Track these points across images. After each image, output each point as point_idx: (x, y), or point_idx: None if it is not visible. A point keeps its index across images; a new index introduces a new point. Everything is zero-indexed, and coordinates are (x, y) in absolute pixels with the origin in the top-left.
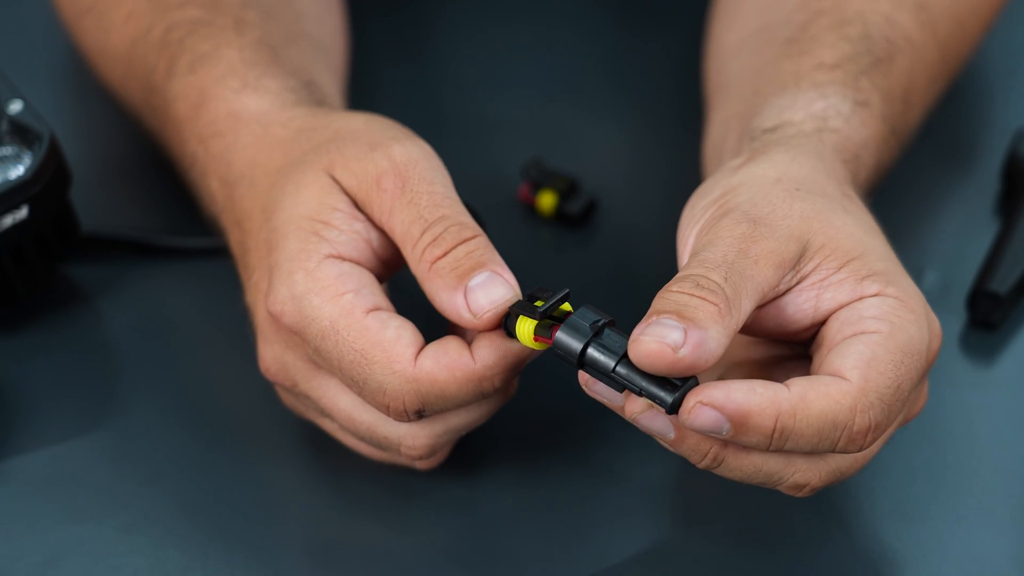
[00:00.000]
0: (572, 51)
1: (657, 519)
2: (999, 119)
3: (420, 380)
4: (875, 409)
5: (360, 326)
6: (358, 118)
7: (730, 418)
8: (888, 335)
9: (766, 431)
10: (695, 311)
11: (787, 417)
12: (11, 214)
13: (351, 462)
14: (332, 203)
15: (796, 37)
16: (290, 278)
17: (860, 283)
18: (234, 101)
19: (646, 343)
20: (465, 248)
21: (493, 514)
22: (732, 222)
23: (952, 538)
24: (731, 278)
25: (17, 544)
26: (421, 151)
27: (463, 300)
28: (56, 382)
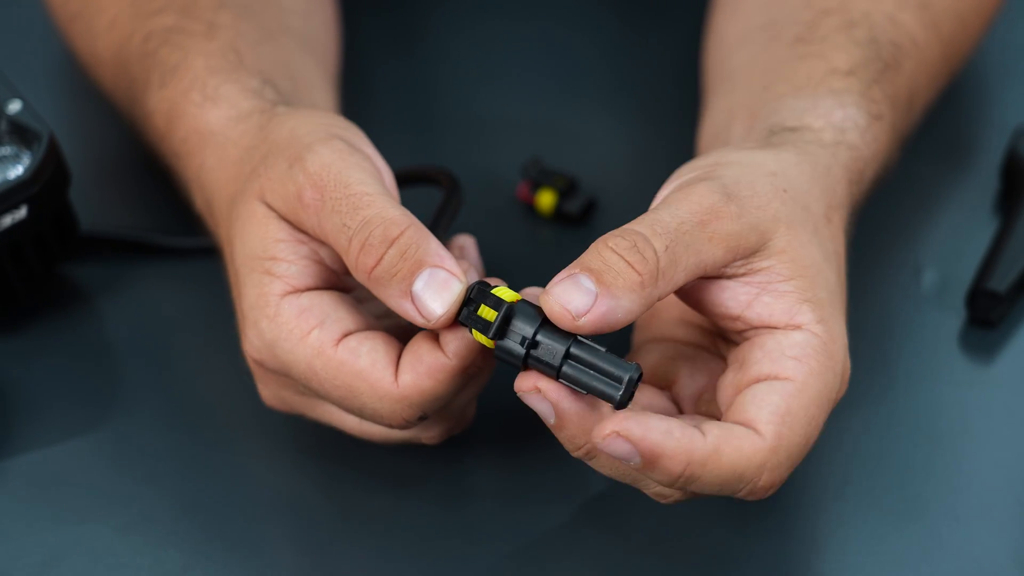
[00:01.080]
0: (571, 50)
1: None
2: (998, 117)
3: (409, 396)
4: (783, 468)
5: (335, 363)
6: (285, 127)
7: (642, 455)
8: (803, 385)
9: (673, 474)
10: (615, 278)
11: (697, 466)
12: (10, 214)
13: (349, 461)
14: (273, 235)
15: (805, 37)
16: (257, 327)
17: (799, 304)
18: (197, 117)
19: (551, 304)
20: (395, 250)
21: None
22: (707, 189)
23: (951, 537)
24: (673, 247)
25: (17, 544)
26: (333, 153)
27: (413, 307)
28: (55, 382)
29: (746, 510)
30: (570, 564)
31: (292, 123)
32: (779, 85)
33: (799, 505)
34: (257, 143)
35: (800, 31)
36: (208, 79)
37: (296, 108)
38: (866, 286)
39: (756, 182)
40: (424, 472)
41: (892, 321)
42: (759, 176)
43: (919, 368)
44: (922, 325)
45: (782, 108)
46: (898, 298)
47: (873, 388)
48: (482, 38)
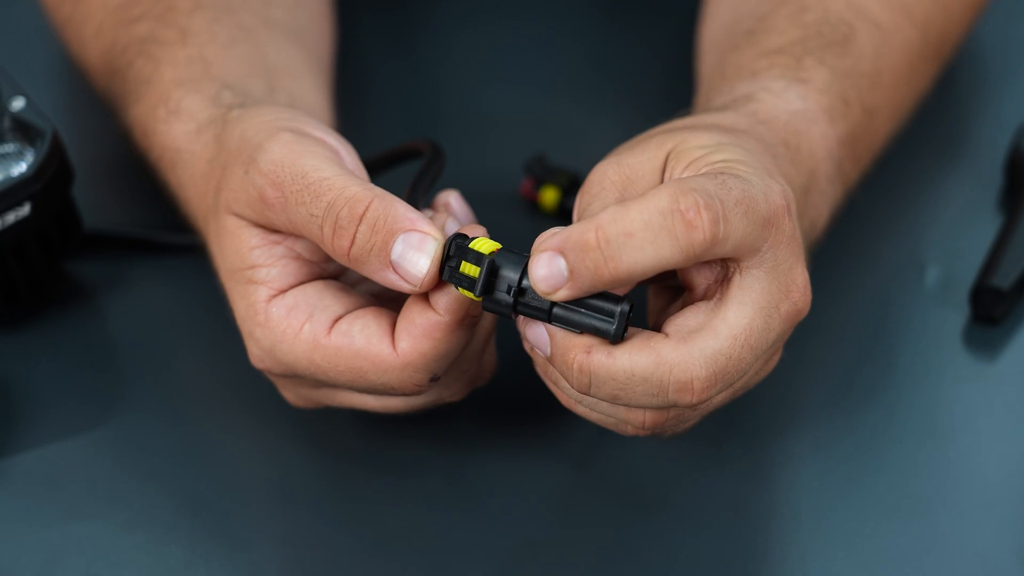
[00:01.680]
0: (574, 46)
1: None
2: (1001, 114)
3: (413, 362)
4: (697, 191)
5: (332, 350)
6: (235, 133)
7: (558, 249)
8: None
9: (591, 243)
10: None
11: (607, 223)
12: (13, 211)
13: (352, 457)
14: (247, 244)
15: (754, 29)
16: (253, 337)
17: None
18: (165, 134)
19: (535, 280)
20: (365, 226)
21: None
22: (604, 170)
23: (955, 533)
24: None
25: (20, 541)
26: (283, 147)
27: (396, 276)
28: (58, 379)
29: (750, 507)
30: (568, 561)
31: (242, 127)
32: (717, 81)
33: (802, 501)
34: (215, 154)
35: (752, 24)
36: (172, 92)
37: (248, 109)
38: (870, 283)
39: (634, 145)
40: (426, 466)
41: (896, 318)
42: (644, 134)
43: (923, 365)
44: (926, 322)
45: (707, 103)
46: (902, 295)
47: (877, 385)
48: (485, 35)
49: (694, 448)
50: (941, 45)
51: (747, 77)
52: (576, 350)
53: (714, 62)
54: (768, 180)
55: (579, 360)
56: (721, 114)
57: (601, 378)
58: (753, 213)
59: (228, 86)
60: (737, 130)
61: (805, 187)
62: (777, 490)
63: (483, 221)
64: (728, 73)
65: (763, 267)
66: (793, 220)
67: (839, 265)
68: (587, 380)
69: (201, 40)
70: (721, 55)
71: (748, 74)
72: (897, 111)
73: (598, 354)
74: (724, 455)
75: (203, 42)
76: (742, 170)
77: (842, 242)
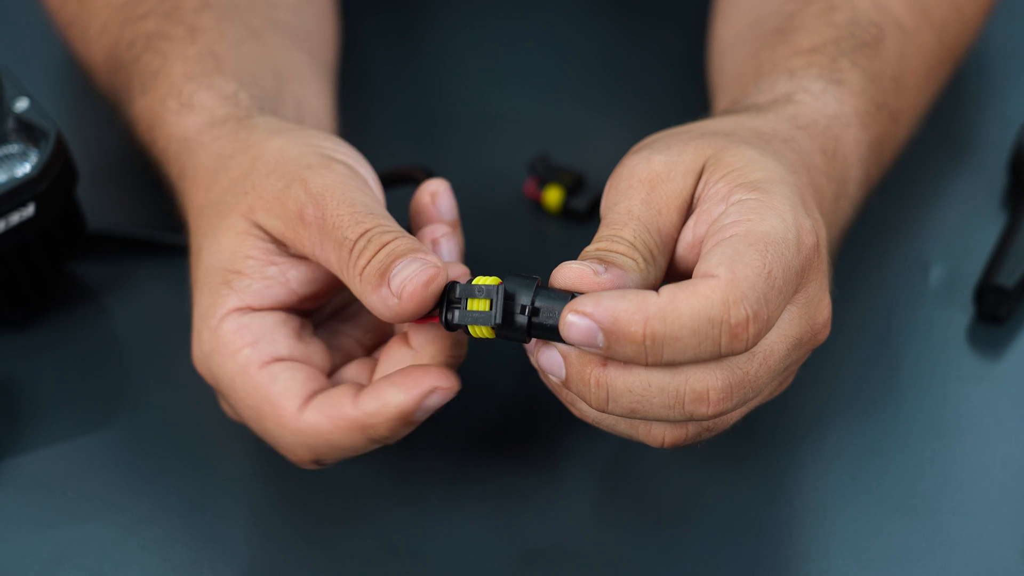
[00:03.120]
0: (578, 46)
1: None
2: (1006, 113)
3: (305, 432)
4: (748, 299)
5: (253, 383)
6: (271, 146)
7: (601, 325)
8: (747, 231)
9: (636, 337)
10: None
11: (656, 321)
12: (18, 212)
13: (363, 460)
14: (246, 251)
15: (783, 27)
16: (199, 337)
17: (731, 192)
18: (175, 125)
19: (568, 267)
20: (385, 250)
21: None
22: (634, 161)
23: (959, 532)
24: (640, 235)
25: (25, 542)
26: (336, 176)
27: (387, 290)
28: (63, 380)
29: (754, 505)
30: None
31: (279, 143)
32: (750, 79)
33: (808, 500)
34: (233, 151)
35: (780, 23)
36: (184, 86)
37: (278, 124)
38: (874, 282)
39: (669, 140)
40: (430, 469)
41: (900, 317)
42: (670, 134)
43: (927, 364)
44: (930, 321)
45: (742, 99)
46: (906, 294)
47: (881, 384)
48: (488, 35)
49: (700, 447)
50: (956, 48)
51: (783, 75)
52: (592, 365)
53: (741, 59)
54: (802, 217)
55: (595, 375)
56: (762, 117)
57: (618, 391)
58: (790, 282)
59: (244, 85)
60: (777, 138)
61: (836, 195)
62: (783, 491)
63: (486, 221)
64: (764, 70)
65: (793, 303)
66: (822, 253)
67: (843, 265)
68: (604, 395)
69: (209, 38)
70: (750, 52)
71: (784, 72)
72: (916, 115)
73: (614, 367)
74: (729, 456)
75: (212, 40)
76: (778, 204)
77: (847, 242)
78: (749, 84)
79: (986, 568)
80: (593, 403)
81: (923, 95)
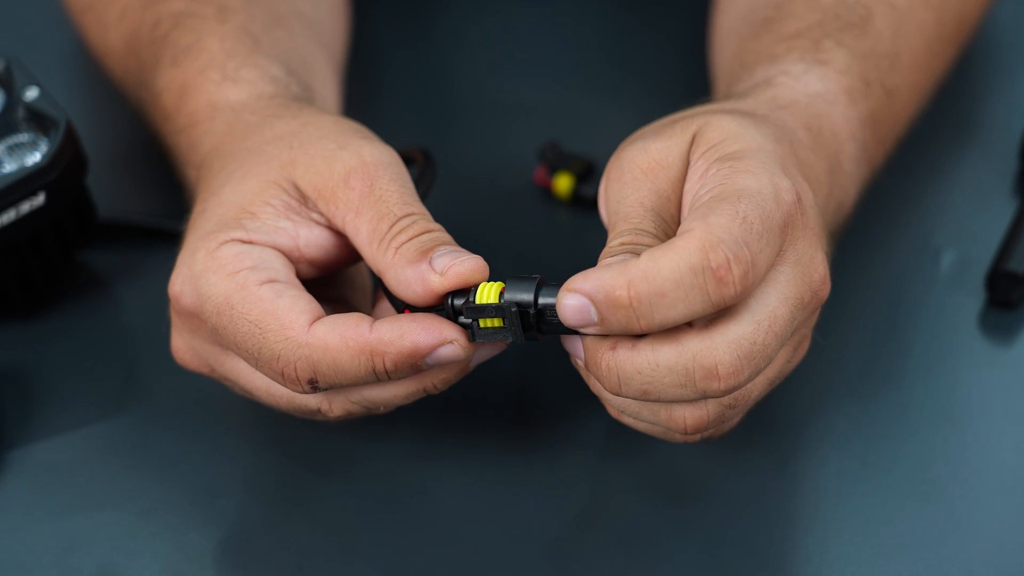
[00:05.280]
0: (588, 33)
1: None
2: (1016, 97)
3: (312, 345)
4: (726, 242)
5: (254, 297)
6: (326, 118)
7: (590, 296)
8: (721, 190)
9: (623, 301)
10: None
11: (639, 281)
12: (28, 201)
13: (372, 444)
14: (267, 198)
15: (771, 16)
16: (192, 257)
17: (708, 168)
18: (214, 93)
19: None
20: (430, 235)
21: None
22: (623, 153)
23: (971, 517)
24: (659, 226)
25: (37, 530)
26: (391, 155)
27: (427, 265)
28: (74, 369)
29: (765, 490)
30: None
31: (333, 116)
32: (737, 71)
33: (818, 486)
34: (284, 115)
35: (769, 12)
36: (227, 61)
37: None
38: (885, 268)
39: (663, 122)
40: (443, 457)
41: (911, 303)
42: (666, 119)
43: (938, 349)
44: (941, 307)
45: (728, 91)
46: (917, 280)
47: (893, 370)
48: (498, 24)
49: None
50: (958, 27)
51: (766, 62)
52: (602, 349)
53: (733, 51)
54: (778, 176)
55: (606, 358)
56: (741, 101)
57: (628, 373)
58: (771, 231)
59: (291, 72)
60: (757, 116)
61: (829, 169)
62: (793, 476)
63: (497, 208)
64: (748, 60)
65: (784, 263)
66: (807, 211)
67: (854, 251)
68: (615, 378)
69: (241, 19)
70: (740, 44)
71: (767, 59)
72: (918, 93)
73: (622, 349)
74: (740, 441)
75: (243, 20)
76: (752, 167)
77: (857, 227)
78: (734, 75)
79: (997, 553)
80: (607, 387)
81: (924, 72)
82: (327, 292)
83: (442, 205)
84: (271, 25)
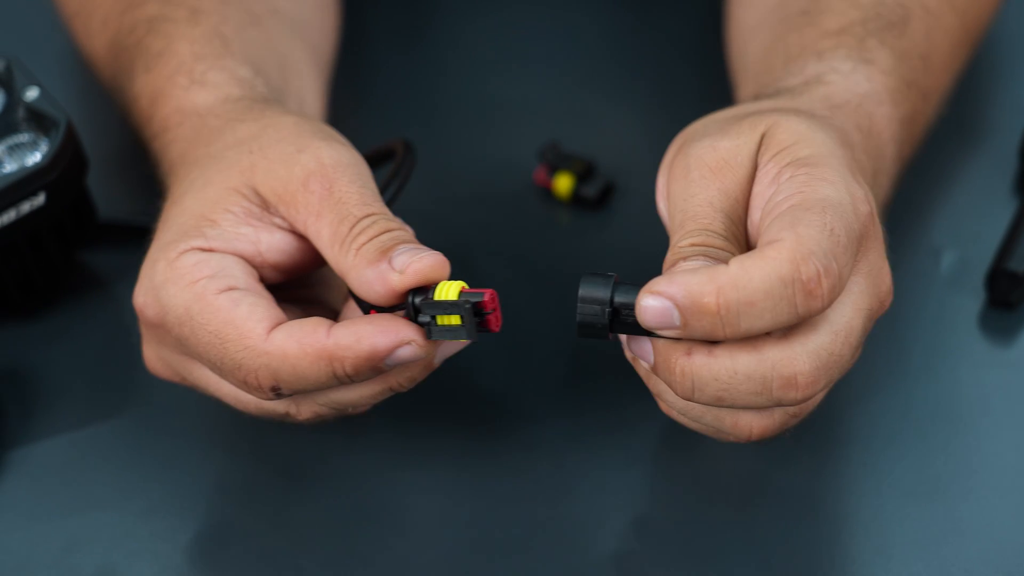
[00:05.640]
0: (588, 33)
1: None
2: (1017, 98)
3: (271, 354)
4: (816, 255)
5: (212, 307)
6: (288, 119)
7: (674, 300)
8: (802, 199)
9: (711, 308)
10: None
11: (729, 290)
12: (28, 201)
13: (369, 442)
14: (227, 205)
15: (808, 9)
16: (152, 268)
17: (780, 173)
18: (182, 98)
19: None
20: (390, 234)
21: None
22: (699, 155)
23: (972, 518)
24: (728, 227)
25: (37, 530)
26: (350, 155)
27: (387, 264)
28: (74, 369)
29: (767, 491)
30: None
31: (294, 118)
32: (776, 62)
33: (820, 487)
34: (245, 118)
35: (805, 4)
36: (195, 65)
37: (291, 110)
38: None
39: (726, 119)
40: (450, 458)
41: (911, 302)
42: (726, 114)
43: (939, 349)
44: (941, 306)
45: (772, 83)
46: (917, 279)
47: (893, 370)
48: (497, 22)
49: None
50: (976, 30)
51: (812, 57)
52: (677, 353)
53: (766, 44)
54: (853, 186)
55: (681, 363)
56: (796, 99)
57: (704, 379)
58: (853, 243)
59: (258, 73)
60: (818, 116)
61: (875, 171)
62: (793, 476)
63: (497, 209)
64: (792, 53)
65: (858, 273)
66: (877, 222)
67: None
68: (690, 384)
69: (213, 20)
70: (776, 36)
71: (813, 54)
72: (942, 95)
73: (699, 355)
74: (740, 443)
75: (216, 22)
76: (829, 175)
77: None
78: (777, 68)
79: (998, 554)
80: (679, 392)
81: (948, 75)
82: (302, 293)
83: (442, 205)
84: (245, 26)
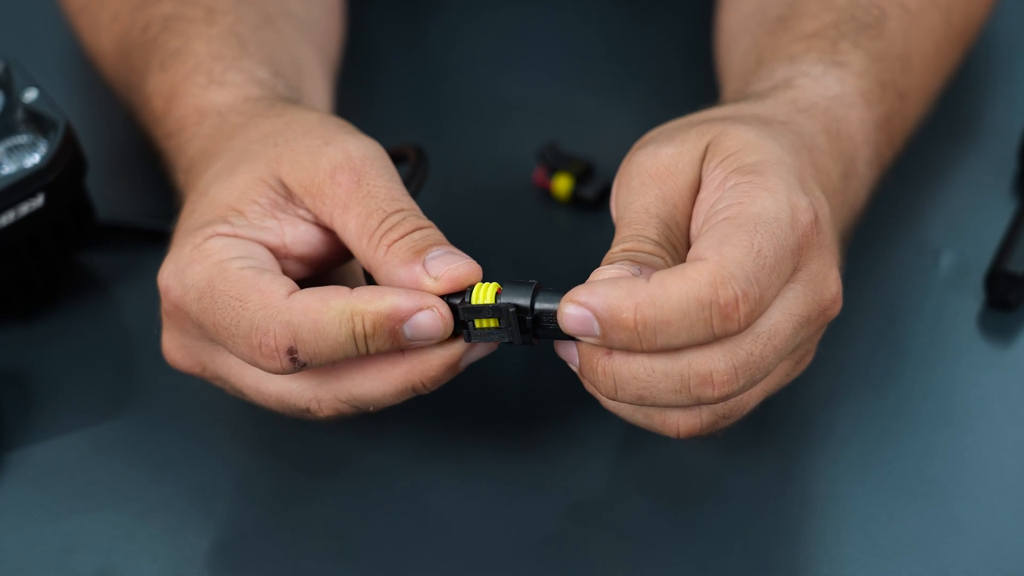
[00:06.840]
0: (587, 34)
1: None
2: (1015, 98)
3: (292, 309)
4: (737, 279)
5: (236, 276)
6: (311, 115)
7: (594, 312)
8: (737, 213)
9: (628, 324)
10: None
11: (646, 307)
12: (27, 202)
13: (369, 445)
14: (254, 196)
15: (784, 15)
16: (179, 251)
17: (726, 179)
18: (200, 96)
19: (606, 271)
20: (422, 233)
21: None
22: (634, 158)
23: (970, 519)
24: (663, 232)
25: (36, 532)
26: (377, 150)
27: (421, 268)
28: (73, 370)
29: (764, 491)
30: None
31: (317, 113)
32: (752, 69)
33: (817, 487)
34: (270, 114)
35: (781, 10)
36: (213, 65)
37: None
38: (884, 269)
39: (677, 126)
40: (449, 457)
41: (910, 304)
42: (680, 122)
43: (937, 350)
44: (940, 307)
45: (745, 88)
46: (916, 281)
47: (891, 370)
48: (497, 23)
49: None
50: (965, 30)
51: (784, 62)
52: (599, 354)
53: (746, 48)
54: (796, 195)
55: (602, 364)
56: (761, 103)
57: (624, 378)
58: (784, 260)
59: (278, 75)
60: (776, 121)
61: (844, 174)
62: (792, 476)
63: (496, 209)
64: (764, 58)
65: (796, 281)
66: (823, 229)
67: (853, 252)
68: (612, 383)
69: (229, 20)
70: (753, 41)
71: (785, 59)
72: (926, 95)
73: (618, 355)
74: (739, 442)
75: (232, 22)
76: (771, 184)
77: (857, 228)
78: (751, 73)
79: (996, 554)
80: (603, 391)
81: (933, 75)
82: None
83: (441, 206)
84: (260, 26)
